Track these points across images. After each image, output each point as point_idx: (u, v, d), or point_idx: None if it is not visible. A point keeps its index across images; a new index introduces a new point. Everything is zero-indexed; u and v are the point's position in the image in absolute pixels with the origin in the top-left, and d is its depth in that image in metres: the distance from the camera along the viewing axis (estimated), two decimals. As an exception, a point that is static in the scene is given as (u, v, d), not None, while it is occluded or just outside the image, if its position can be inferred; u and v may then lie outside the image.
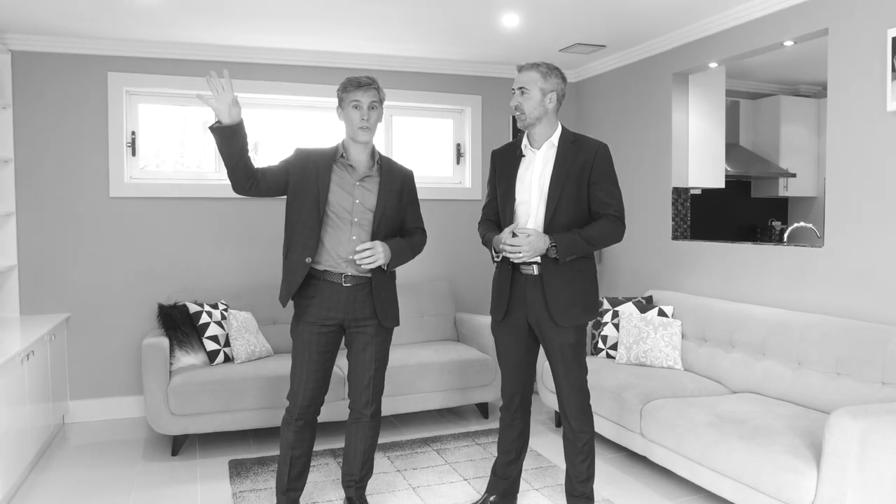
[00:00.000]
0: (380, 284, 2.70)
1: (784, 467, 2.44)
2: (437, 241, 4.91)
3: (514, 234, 2.52)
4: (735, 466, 2.63)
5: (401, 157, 4.96)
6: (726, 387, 3.44)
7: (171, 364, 3.75)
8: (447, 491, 3.16)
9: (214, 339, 3.85)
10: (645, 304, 4.01)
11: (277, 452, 3.62)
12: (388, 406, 3.90)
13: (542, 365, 3.93)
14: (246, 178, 2.54)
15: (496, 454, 2.90)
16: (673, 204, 4.32)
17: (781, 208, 5.92)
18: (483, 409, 4.30)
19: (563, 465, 3.38)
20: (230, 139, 2.48)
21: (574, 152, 2.59)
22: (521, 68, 2.62)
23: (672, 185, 4.30)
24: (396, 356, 4.04)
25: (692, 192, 4.82)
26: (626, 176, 4.74)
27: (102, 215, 4.19)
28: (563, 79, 2.64)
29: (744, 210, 5.82)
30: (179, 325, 3.82)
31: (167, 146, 4.49)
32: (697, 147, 4.35)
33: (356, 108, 2.60)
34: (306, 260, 2.61)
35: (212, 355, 3.83)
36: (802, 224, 4.23)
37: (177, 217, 4.33)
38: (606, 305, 4.10)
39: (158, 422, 3.53)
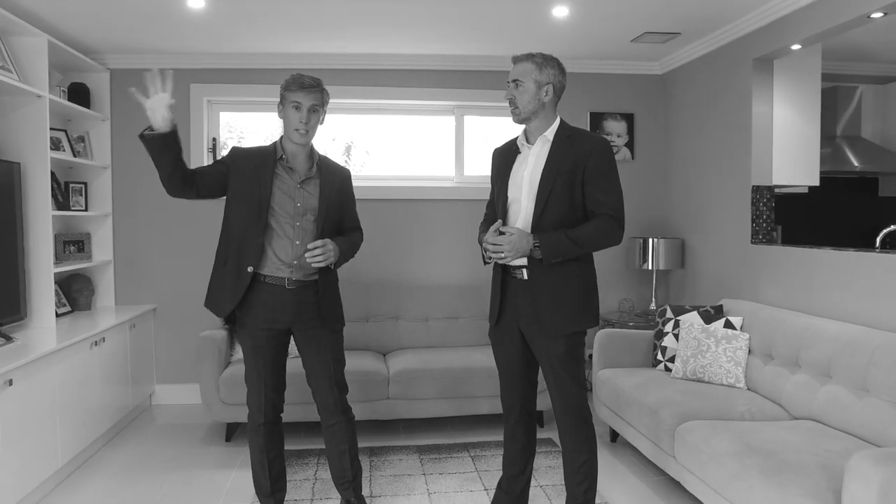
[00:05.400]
0: (326, 284, 2.65)
1: (800, 511, 2.09)
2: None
3: (500, 233, 2.38)
4: (757, 504, 2.30)
5: (472, 157, 4.90)
6: (787, 411, 3.02)
7: (231, 356, 4.00)
8: (461, 500, 3.06)
9: (270, 333, 4.03)
10: (712, 314, 3.63)
11: (319, 447, 3.71)
12: (433, 408, 3.87)
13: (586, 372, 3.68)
14: (182, 186, 2.45)
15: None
16: (753, 204, 3.86)
17: (919, 209, 5.10)
18: (539, 418, 4.12)
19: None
20: (162, 149, 2.34)
21: (568, 147, 2.39)
22: (515, 59, 2.46)
23: (752, 184, 3.85)
24: (445, 358, 3.98)
25: (795, 190, 4.28)
26: (704, 173, 4.32)
27: (185, 216, 4.55)
28: (562, 70, 2.44)
29: (869, 211, 5.08)
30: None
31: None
32: (784, 141, 3.85)
33: (296, 109, 2.49)
34: (248, 269, 2.52)
35: (267, 349, 4.01)
36: (900, 227, 3.60)
37: (251, 217, 4.59)
38: (669, 314, 3.77)
39: (211, 409, 3.76)
